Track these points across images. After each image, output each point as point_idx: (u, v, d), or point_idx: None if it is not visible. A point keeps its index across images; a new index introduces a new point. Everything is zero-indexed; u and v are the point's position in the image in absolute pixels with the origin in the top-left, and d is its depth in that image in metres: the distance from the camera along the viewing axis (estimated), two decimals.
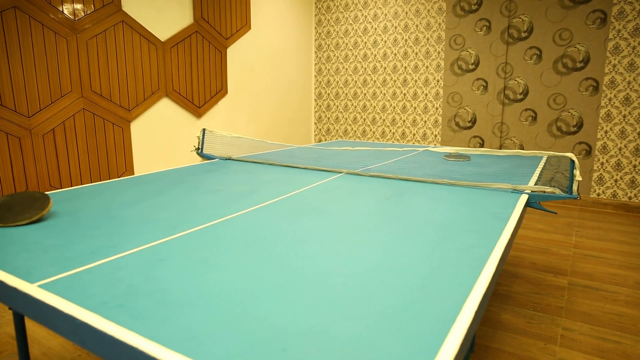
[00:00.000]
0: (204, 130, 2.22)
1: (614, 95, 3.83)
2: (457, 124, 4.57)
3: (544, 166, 2.25)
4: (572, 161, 1.52)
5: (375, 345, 0.65)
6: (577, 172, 1.51)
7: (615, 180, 3.92)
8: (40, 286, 0.84)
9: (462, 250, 1.04)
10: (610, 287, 2.46)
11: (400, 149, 1.89)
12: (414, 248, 1.05)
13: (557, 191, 1.56)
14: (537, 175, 1.97)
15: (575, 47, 3.91)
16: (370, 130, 5.11)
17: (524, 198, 1.52)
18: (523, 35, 4.11)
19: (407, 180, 1.81)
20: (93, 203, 1.44)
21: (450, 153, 2.48)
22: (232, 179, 1.85)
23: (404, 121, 4.87)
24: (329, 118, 5.40)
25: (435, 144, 4.68)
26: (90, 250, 1.02)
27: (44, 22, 2.80)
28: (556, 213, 1.67)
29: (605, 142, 3.92)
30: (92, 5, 3.05)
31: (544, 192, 1.57)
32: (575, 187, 1.53)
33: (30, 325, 2.06)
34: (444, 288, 0.84)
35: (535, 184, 1.71)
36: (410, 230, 1.18)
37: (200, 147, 2.21)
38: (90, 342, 0.72)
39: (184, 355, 0.62)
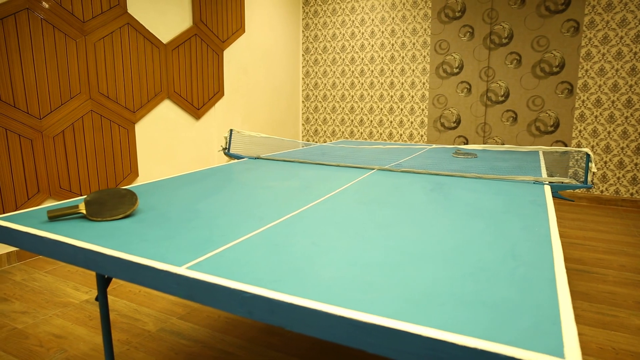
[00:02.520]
0: (231, 130, 2.31)
1: (587, 98, 4.18)
2: (442, 125, 4.83)
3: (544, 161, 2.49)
4: (588, 155, 1.73)
5: (508, 299, 0.80)
6: (592, 165, 1.73)
7: None
8: (188, 268, 0.94)
9: (525, 229, 1.21)
10: (599, 270, 2.73)
11: (407, 147, 2.06)
12: (484, 228, 1.21)
13: (574, 182, 1.77)
14: (545, 168, 2.19)
15: (552, 53, 4.24)
16: (358, 131, 5.29)
17: (548, 188, 1.72)
18: (504, 41, 4.41)
19: (437, 174, 1.98)
20: (164, 199, 1.52)
21: (457, 150, 2.68)
22: (277, 175, 1.96)
23: (391, 122, 5.08)
24: (316, 119, 5.55)
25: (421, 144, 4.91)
26: (203, 239, 1.12)
27: (55, 24, 2.80)
28: (573, 201, 1.89)
29: (579, 141, 4.27)
30: (100, 7, 3.06)
31: (562, 182, 1.78)
32: (590, 178, 1.75)
33: (68, 324, 2.09)
34: (533, 257, 1.00)
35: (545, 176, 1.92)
36: (470, 215, 1.35)
37: (227, 146, 2.30)
38: (260, 312, 0.83)
39: (368, 313, 0.75)
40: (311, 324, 0.78)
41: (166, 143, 3.73)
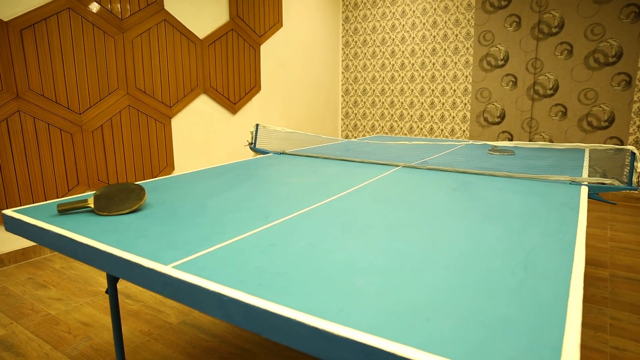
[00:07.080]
0: (257, 125, 2.29)
1: None
2: (485, 120, 4.61)
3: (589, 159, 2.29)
4: (633, 153, 1.57)
5: (507, 317, 0.71)
6: (638, 165, 1.56)
7: None
8: (175, 267, 0.91)
9: (547, 235, 1.10)
10: None
11: (441, 143, 1.95)
12: (502, 234, 1.11)
13: (616, 183, 1.61)
14: (587, 167, 2.02)
15: (608, 42, 3.92)
16: (398, 125, 5.16)
17: (585, 189, 1.58)
18: (554, 30, 4.13)
19: (465, 172, 1.87)
20: (177, 194, 1.52)
21: (493, 147, 2.53)
22: (297, 171, 1.92)
23: (432, 117, 4.91)
24: (356, 114, 5.46)
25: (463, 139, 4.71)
26: (201, 236, 1.10)
27: (94, 22, 2.90)
28: (615, 204, 1.72)
29: (637, 137, 3.94)
30: (138, 5, 3.14)
31: (603, 183, 1.62)
32: (635, 179, 1.58)
33: (96, 312, 2.16)
34: (547, 268, 0.90)
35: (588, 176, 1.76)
36: (490, 218, 1.25)
37: (253, 142, 2.29)
38: (237, 316, 0.79)
39: (344, 325, 0.69)
40: (285, 333, 0.74)
41: (202, 137, 3.79)
